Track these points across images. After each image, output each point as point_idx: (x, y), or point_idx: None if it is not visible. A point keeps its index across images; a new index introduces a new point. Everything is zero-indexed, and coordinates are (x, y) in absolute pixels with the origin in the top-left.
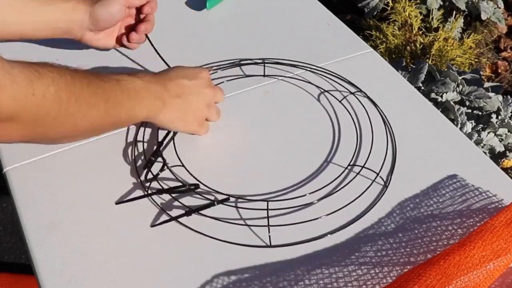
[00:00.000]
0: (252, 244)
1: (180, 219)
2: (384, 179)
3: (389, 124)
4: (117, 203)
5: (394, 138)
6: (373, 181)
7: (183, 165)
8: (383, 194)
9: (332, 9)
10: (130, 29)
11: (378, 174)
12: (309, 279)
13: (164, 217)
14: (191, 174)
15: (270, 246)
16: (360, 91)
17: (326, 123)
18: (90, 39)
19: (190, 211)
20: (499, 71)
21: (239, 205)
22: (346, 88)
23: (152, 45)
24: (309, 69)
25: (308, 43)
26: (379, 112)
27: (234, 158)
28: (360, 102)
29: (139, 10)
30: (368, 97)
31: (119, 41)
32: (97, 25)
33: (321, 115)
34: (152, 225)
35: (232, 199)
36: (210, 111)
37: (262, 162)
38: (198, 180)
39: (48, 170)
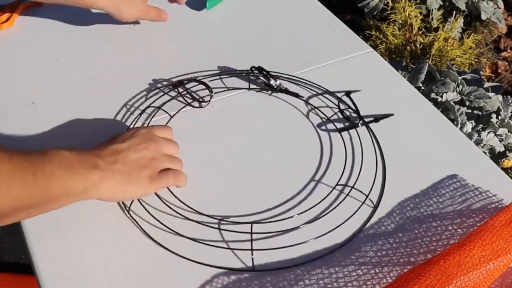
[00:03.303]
0: (235, 268)
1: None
2: (374, 202)
3: (378, 144)
4: None
5: (383, 158)
6: (363, 203)
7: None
8: (372, 216)
9: (332, 9)
10: None
11: (367, 196)
12: (309, 279)
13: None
14: (178, 198)
15: (253, 270)
16: (349, 107)
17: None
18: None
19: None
20: (499, 71)
21: (222, 227)
22: (333, 102)
23: None
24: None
25: (308, 43)
26: (369, 133)
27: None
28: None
29: None
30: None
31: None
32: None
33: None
34: None
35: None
36: (157, 164)
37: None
38: (187, 206)
39: None
